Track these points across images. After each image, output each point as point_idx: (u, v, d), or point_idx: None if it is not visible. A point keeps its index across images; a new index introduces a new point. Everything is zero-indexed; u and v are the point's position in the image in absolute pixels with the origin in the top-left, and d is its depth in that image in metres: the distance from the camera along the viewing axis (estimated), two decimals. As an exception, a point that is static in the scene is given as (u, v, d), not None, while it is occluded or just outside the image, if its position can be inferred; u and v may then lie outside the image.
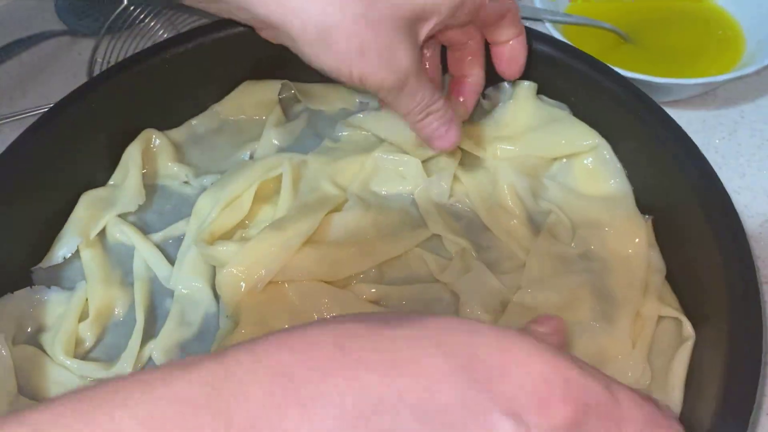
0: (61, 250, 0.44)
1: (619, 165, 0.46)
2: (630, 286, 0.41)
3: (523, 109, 0.47)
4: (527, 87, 0.48)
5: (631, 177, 0.45)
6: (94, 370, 0.39)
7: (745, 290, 0.35)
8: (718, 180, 0.40)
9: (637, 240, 0.43)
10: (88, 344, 0.41)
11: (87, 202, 0.46)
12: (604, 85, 0.46)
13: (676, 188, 0.42)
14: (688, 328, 0.38)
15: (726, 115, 0.58)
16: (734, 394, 0.31)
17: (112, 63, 0.63)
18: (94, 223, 0.45)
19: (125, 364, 0.39)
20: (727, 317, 0.35)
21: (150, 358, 0.40)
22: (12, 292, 0.42)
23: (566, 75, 0.47)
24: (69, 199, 0.46)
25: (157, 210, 0.47)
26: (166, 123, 0.50)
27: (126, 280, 0.44)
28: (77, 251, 0.44)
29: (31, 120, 0.45)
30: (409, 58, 0.36)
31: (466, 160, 0.48)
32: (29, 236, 0.44)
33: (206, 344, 0.41)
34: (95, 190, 0.47)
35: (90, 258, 0.44)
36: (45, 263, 0.44)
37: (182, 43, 0.48)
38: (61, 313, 0.42)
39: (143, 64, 0.48)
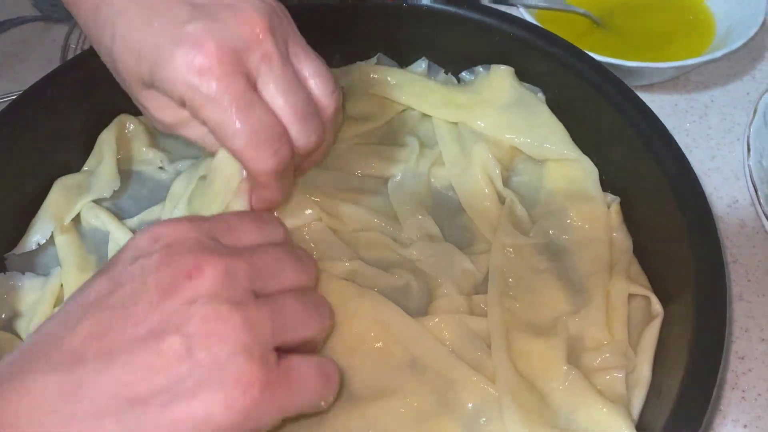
0: (35, 236, 0.44)
1: (585, 157, 0.46)
2: (597, 270, 0.42)
3: (498, 91, 0.48)
4: (504, 71, 0.48)
5: (602, 159, 0.46)
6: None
7: (711, 269, 0.36)
8: (687, 162, 0.41)
9: (599, 223, 0.43)
10: None
11: (61, 188, 0.46)
12: (577, 68, 0.46)
13: (646, 170, 0.42)
14: (656, 305, 0.39)
15: (697, 99, 0.59)
16: (699, 369, 0.32)
17: (86, 49, 0.62)
18: (68, 208, 0.45)
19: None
20: (693, 295, 0.36)
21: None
22: (-15, 279, 0.42)
23: (540, 59, 0.48)
24: (43, 186, 0.46)
25: (132, 195, 0.47)
26: (140, 108, 0.50)
27: (101, 265, 0.44)
28: (51, 237, 0.44)
29: (4, 106, 0.45)
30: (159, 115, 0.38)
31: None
32: (2, 223, 0.44)
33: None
34: (69, 176, 0.47)
35: (65, 244, 0.43)
36: (18, 249, 0.44)
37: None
38: (36, 299, 0.42)
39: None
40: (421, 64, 0.52)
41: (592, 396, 0.36)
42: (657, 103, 0.58)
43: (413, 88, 0.50)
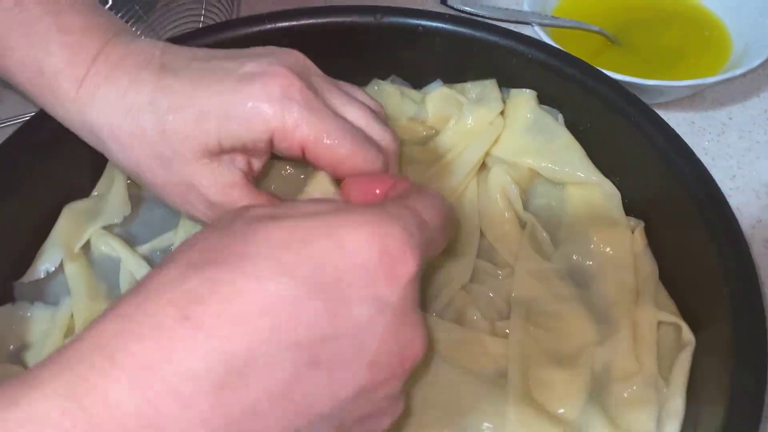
0: (44, 265, 0.43)
1: (607, 181, 0.45)
2: (622, 297, 0.40)
3: (519, 115, 0.47)
4: (527, 95, 0.47)
5: (623, 181, 0.45)
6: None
7: (746, 292, 0.35)
8: (714, 182, 0.40)
9: (623, 249, 0.42)
10: None
11: (70, 213, 0.44)
12: (597, 90, 0.45)
13: (671, 193, 0.41)
14: (687, 333, 0.38)
15: (714, 116, 0.58)
16: (743, 400, 0.31)
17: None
18: (77, 235, 0.43)
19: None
20: (730, 322, 0.34)
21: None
22: (-7, 308, 0.41)
23: (559, 80, 0.47)
24: (51, 211, 0.44)
25: (143, 221, 0.46)
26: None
27: (113, 294, 0.42)
28: (61, 265, 0.43)
29: (10, 129, 0.44)
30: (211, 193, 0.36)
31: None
32: (10, 249, 0.43)
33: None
34: (78, 202, 0.45)
35: (74, 272, 0.42)
36: (27, 278, 0.43)
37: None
38: (46, 330, 0.40)
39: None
40: (436, 86, 0.51)
41: None
42: (673, 121, 0.57)
43: None
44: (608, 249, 0.43)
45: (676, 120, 0.58)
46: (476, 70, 0.49)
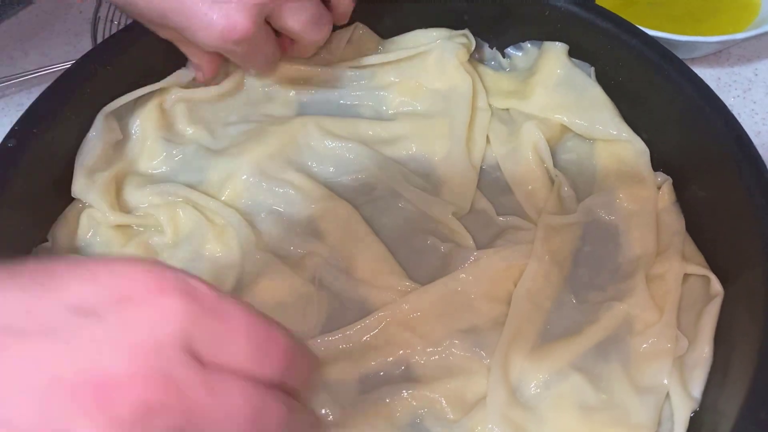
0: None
1: (638, 138, 0.45)
2: (644, 253, 0.41)
3: (550, 70, 0.47)
4: (559, 48, 0.47)
5: (653, 137, 0.45)
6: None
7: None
8: (747, 136, 0.40)
9: (649, 206, 0.43)
10: None
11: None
12: (631, 44, 0.45)
13: (702, 146, 0.42)
14: (716, 284, 0.39)
15: (740, 73, 0.58)
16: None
17: (116, 21, 0.61)
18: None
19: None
20: (761, 270, 0.35)
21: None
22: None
23: (591, 34, 0.46)
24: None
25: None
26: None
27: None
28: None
29: (35, 81, 0.44)
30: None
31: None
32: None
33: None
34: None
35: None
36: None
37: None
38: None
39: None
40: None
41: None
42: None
43: None
44: (633, 205, 0.43)
45: (703, 76, 0.57)
46: (505, 23, 0.49)
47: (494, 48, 0.51)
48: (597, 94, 0.46)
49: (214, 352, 0.23)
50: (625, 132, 0.45)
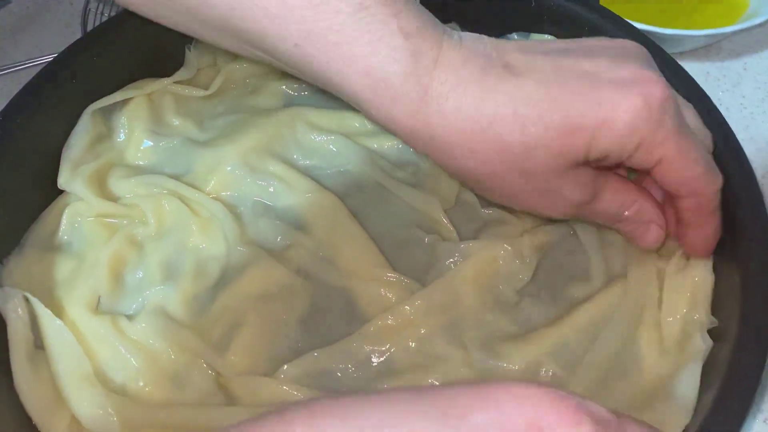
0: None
1: None
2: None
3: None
4: (547, 40, 0.47)
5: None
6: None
7: (759, 232, 0.36)
8: (732, 132, 0.40)
9: None
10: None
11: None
12: (616, 36, 0.45)
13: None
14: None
15: (729, 67, 0.58)
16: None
17: (106, 14, 0.61)
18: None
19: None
20: (739, 266, 0.35)
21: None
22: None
23: (577, 25, 0.46)
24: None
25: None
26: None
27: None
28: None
29: (26, 72, 0.44)
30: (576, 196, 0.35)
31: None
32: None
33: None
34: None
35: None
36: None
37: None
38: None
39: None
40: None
41: None
42: (688, 71, 0.57)
43: None
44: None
45: (691, 70, 0.57)
46: (490, 15, 0.49)
47: (482, 40, 0.51)
48: None
49: None
50: None
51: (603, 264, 0.41)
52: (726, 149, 0.40)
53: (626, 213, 0.37)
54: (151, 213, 0.42)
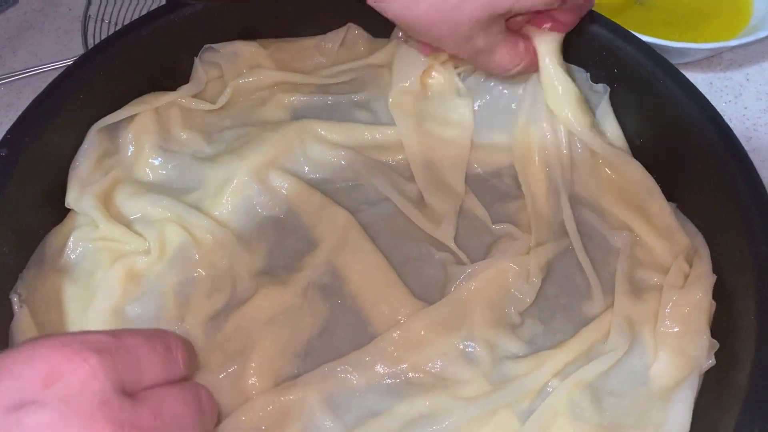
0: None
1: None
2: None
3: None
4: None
5: (647, 143, 0.46)
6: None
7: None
8: (740, 144, 0.41)
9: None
10: None
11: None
12: (624, 50, 0.45)
13: (695, 151, 0.42)
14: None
15: (732, 78, 0.59)
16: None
17: (107, 20, 0.60)
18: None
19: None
20: (754, 271, 0.36)
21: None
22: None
23: (585, 39, 0.46)
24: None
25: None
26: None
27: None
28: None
29: (24, 82, 0.43)
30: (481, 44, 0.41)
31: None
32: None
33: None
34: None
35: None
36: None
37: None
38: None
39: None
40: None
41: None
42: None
43: None
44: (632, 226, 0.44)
45: (695, 81, 0.57)
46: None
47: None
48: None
49: (137, 379, 0.27)
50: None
51: (600, 282, 0.42)
52: (734, 163, 0.40)
53: (515, 70, 0.43)
54: (153, 241, 0.41)
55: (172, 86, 0.47)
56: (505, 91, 0.48)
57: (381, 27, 0.51)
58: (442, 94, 0.48)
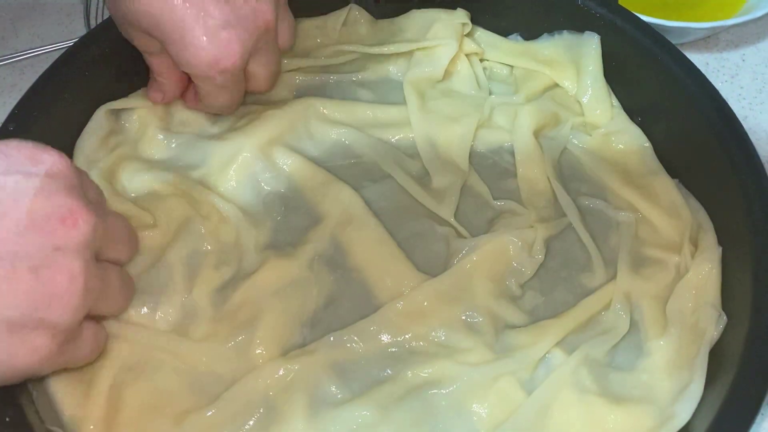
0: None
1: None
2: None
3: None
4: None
5: (647, 121, 0.47)
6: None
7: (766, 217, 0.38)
8: (738, 121, 0.42)
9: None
10: None
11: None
12: (624, 29, 0.46)
13: (694, 128, 0.44)
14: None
15: (728, 58, 0.59)
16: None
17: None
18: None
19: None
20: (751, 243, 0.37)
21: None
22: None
23: (585, 18, 0.47)
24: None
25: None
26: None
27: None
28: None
29: (27, 62, 0.43)
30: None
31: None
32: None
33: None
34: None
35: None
36: None
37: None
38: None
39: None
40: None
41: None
42: (689, 62, 0.58)
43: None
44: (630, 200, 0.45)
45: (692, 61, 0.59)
46: (503, 5, 0.50)
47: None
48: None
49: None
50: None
51: (601, 256, 0.42)
52: (732, 140, 0.41)
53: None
54: (160, 216, 0.42)
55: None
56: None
57: (382, 8, 0.52)
58: (461, 81, 0.49)
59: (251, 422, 0.36)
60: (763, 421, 0.41)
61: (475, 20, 0.50)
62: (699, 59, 0.59)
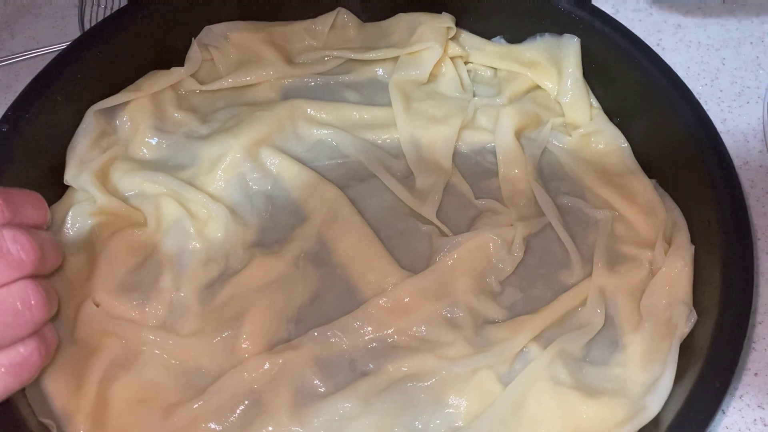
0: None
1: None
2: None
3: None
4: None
5: (625, 123, 0.48)
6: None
7: (736, 217, 0.39)
8: (711, 123, 0.43)
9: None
10: None
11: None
12: (602, 31, 0.47)
13: (669, 130, 0.45)
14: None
15: (708, 62, 0.60)
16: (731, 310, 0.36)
17: (102, 5, 0.61)
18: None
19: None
20: (720, 246, 0.38)
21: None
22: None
23: (564, 20, 0.48)
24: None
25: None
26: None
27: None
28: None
29: (24, 64, 0.44)
30: None
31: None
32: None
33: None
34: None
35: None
36: None
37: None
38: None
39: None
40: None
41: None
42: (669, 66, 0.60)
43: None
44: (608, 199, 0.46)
45: (673, 64, 0.59)
46: (485, 7, 0.51)
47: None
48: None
49: None
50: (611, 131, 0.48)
51: (579, 253, 0.44)
52: (706, 141, 0.42)
53: None
54: (151, 215, 0.43)
55: (167, 66, 0.49)
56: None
57: (370, 12, 0.53)
58: (446, 84, 0.50)
59: (237, 414, 0.37)
60: (732, 413, 0.42)
61: (460, 24, 0.51)
62: (681, 62, 0.60)
